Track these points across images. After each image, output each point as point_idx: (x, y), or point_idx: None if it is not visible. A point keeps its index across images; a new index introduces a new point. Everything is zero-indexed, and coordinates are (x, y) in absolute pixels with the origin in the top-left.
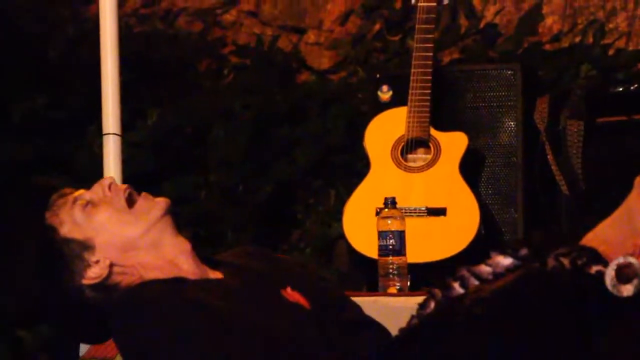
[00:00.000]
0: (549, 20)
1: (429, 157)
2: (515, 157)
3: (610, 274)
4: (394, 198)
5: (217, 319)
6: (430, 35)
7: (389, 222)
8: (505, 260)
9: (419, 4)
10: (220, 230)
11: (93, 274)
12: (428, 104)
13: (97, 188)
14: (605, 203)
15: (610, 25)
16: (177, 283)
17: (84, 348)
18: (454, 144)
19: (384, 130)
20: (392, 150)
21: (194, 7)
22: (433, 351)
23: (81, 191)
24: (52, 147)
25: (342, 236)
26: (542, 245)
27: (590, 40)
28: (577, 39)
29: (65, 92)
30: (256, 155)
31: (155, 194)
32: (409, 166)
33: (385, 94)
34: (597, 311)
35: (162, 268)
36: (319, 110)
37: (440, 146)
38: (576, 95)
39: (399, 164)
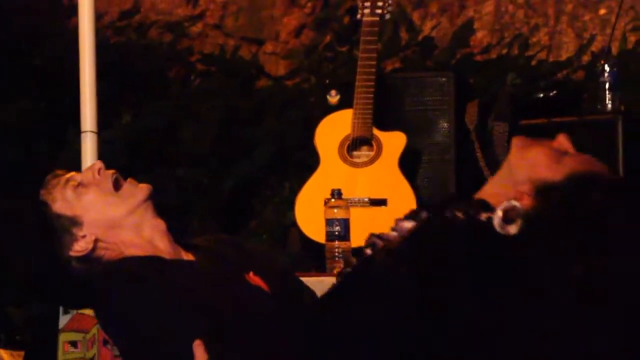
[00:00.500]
0: (479, 34)
1: (372, 154)
2: (448, 154)
3: (497, 216)
4: (340, 190)
5: (186, 296)
6: (373, 47)
7: (336, 211)
8: (408, 224)
9: (364, 19)
10: (187, 220)
11: (79, 247)
12: (371, 106)
13: (87, 171)
14: None
15: (534, 39)
16: (154, 260)
17: (63, 321)
18: (394, 142)
19: (332, 130)
20: (339, 148)
21: (164, 20)
22: (353, 302)
23: (73, 173)
24: (36, 145)
25: (294, 224)
26: (440, 206)
27: (516, 52)
28: (504, 51)
29: (49, 96)
30: (220, 152)
31: None
32: (354, 162)
33: (333, 97)
34: (488, 251)
35: (141, 246)
36: (275, 113)
37: (381, 144)
38: (502, 101)
39: (345, 160)
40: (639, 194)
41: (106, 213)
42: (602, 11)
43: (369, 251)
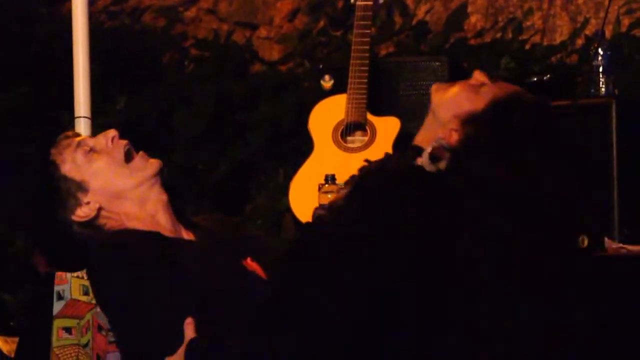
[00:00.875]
0: (473, 18)
1: (366, 139)
2: None
3: (424, 157)
4: (333, 175)
5: (180, 275)
6: (367, 31)
7: (329, 196)
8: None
9: (358, 3)
10: (181, 205)
11: (82, 212)
12: (365, 91)
13: (101, 138)
14: None
15: (527, 23)
16: (153, 235)
17: (57, 307)
18: (388, 127)
19: (326, 115)
20: (333, 133)
21: (158, 5)
22: (312, 258)
23: (85, 137)
24: (32, 130)
25: (288, 209)
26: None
27: (510, 36)
28: (498, 35)
29: (43, 81)
30: (214, 137)
31: None
32: (348, 147)
33: (327, 82)
34: (422, 190)
35: (143, 220)
36: (269, 98)
37: (375, 129)
38: None
39: (339, 145)
40: (551, 113)
41: (113, 183)
42: None
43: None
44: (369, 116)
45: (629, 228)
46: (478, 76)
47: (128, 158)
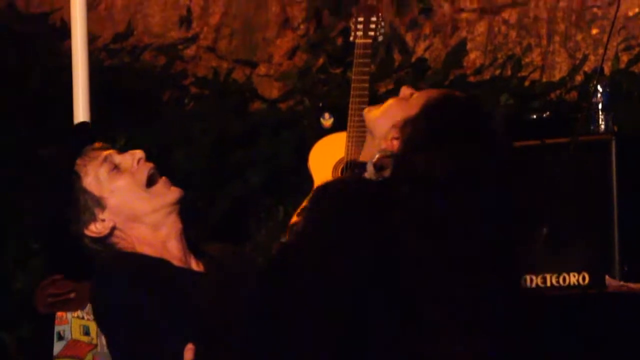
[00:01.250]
0: (472, 55)
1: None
2: None
3: (369, 168)
4: None
5: (183, 304)
6: (366, 69)
7: None
8: None
9: (357, 41)
10: (195, 235)
11: (95, 228)
12: (365, 129)
13: (128, 157)
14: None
15: (527, 60)
16: (161, 263)
17: (57, 347)
18: None
19: (326, 153)
20: (332, 171)
21: (158, 43)
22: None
23: (112, 151)
24: (32, 166)
25: None
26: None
27: (509, 73)
28: (497, 72)
29: (44, 119)
30: (214, 175)
31: None
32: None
33: (327, 120)
34: (371, 198)
35: (154, 246)
36: (269, 135)
37: None
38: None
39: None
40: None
41: (132, 205)
42: (595, 31)
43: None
44: None
45: (629, 265)
46: (405, 90)
47: (150, 182)
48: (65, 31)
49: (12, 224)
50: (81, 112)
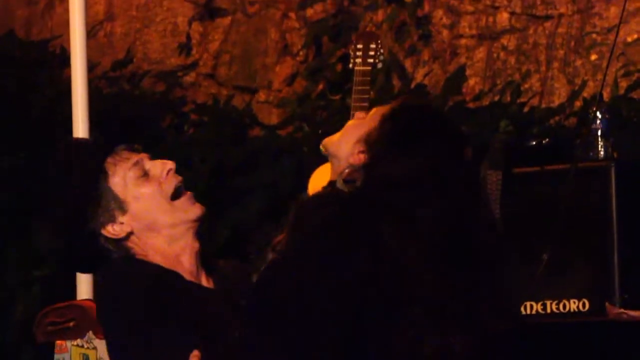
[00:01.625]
0: (471, 81)
1: None
2: None
3: (339, 182)
4: None
5: (187, 317)
6: (366, 95)
7: None
8: None
9: (356, 68)
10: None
11: (112, 230)
12: None
13: (159, 165)
14: (521, 244)
15: (526, 86)
16: (171, 275)
17: None
18: None
19: (326, 180)
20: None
21: (157, 70)
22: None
23: (145, 156)
24: (31, 194)
25: None
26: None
27: (508, 99)
28: (497, 98)
29: (44, 146)
30: (213, 201)
31: None
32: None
33: None
34: (351, 208)
35: (167, 258)
36: (269, 162)
37: None
38: (495, 148)
39: None
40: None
41: (153, 215)
42: (594, 57)
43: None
44: None
45: (630, 293)
46: (359, 114)
47: (175, 195)
48: (65, 58)
49: (13, 252)
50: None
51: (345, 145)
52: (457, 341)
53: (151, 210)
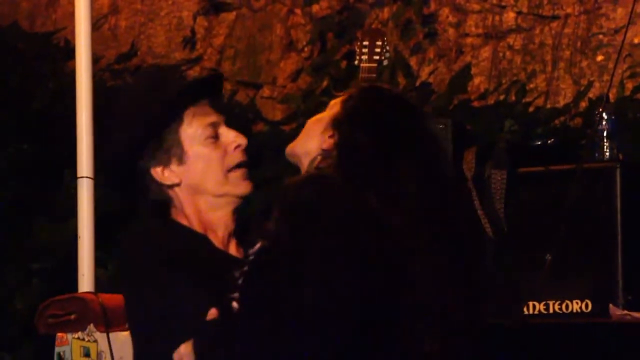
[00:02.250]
0: (476, 80)
1: None
2: None
3: (312, 168)
4: None
5: (207, 277)
6: None
7: None
8: None
9: (362, 65)
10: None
11: (162, 173)
12: None
13: (232, 136)
14: (524, 243)
15: (531, 85)
16: (201, 239)
17: None
18: None
19: None
20: None
21: (161, 64)
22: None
23: (222, 119)
24: (33, 188)
25: None
26: None
27: (513, 98)
28: (502, 97)
29: (47, 139)
30: None
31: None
32: None
33: None
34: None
35: (201, 222)
36: (272, 158)
37: None
38: (500, 148)
39: None
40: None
41: (205, 178)
42: (600, 57)
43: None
44: None
45: (633, 294)
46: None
47: (232, 169)
48: (68, 51)
49: (13, 245)
50: (84, 133)
51: (312, 139)
52: (456, 342)
53: (205, 174)
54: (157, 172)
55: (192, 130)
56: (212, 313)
